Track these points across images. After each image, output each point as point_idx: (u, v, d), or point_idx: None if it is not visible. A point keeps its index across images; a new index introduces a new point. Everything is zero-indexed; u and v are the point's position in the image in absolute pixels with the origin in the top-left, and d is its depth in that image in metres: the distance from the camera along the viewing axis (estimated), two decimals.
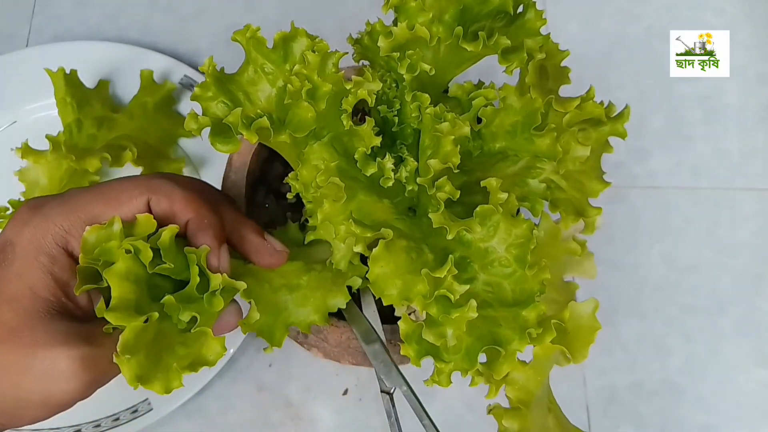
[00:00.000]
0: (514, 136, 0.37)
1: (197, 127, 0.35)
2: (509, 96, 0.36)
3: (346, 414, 0.55)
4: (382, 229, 0.31)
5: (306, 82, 0.34)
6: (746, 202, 0.63)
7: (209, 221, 0.34)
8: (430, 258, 0.32)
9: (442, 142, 0.33)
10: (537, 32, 0.37)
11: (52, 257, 0.32)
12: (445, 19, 0.37)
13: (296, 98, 0.34)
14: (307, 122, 0.34)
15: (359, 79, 0.35)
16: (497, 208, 0.31)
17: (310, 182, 0.34)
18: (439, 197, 0.32)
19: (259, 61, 0.38)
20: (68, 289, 0.32)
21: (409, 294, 0.31)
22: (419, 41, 0.36)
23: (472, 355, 0.30)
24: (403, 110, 0.37)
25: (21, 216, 0.33)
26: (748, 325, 0.59)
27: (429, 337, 0.30)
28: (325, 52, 0.35)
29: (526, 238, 0.31)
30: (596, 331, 0.34)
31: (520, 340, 0.30)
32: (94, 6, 0.69)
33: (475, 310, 0.30)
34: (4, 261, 0.32)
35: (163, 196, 0.33)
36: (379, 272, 0.31)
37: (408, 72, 0.36)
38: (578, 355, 0.33)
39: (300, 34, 0.38)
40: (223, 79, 0.38)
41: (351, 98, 0.35)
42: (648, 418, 0.56)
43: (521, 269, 0.31)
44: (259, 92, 0.39)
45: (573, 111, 0.35)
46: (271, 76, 0.38)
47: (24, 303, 0.31)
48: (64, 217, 0.32)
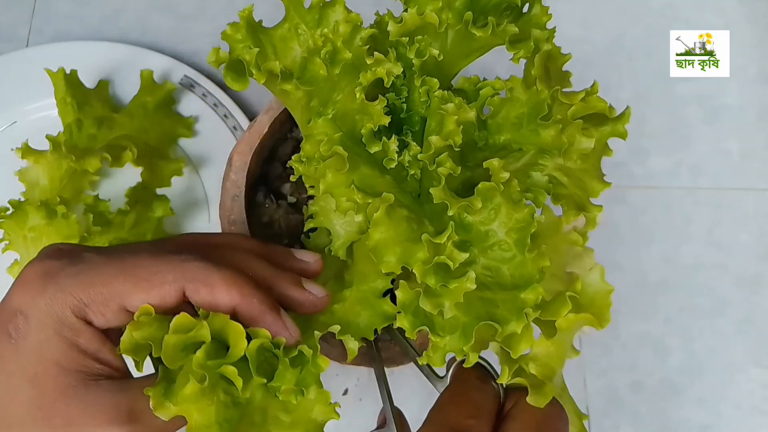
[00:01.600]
0: (520, 128, 0.37)
1: (216, 60, 0.35)
2: (516, 87, 0.37)
3: (346, 414, 0.55)
4: (384, 193, 0.31)
5: (329, 44, 0.34)
6: (746, 202, 0.63)
7: (258, 299, 0.32)
8: (430, 229, 0.32)
9: (445, 120, 0.33)
10: (543, 27, 0.37)
11: (75, 329, 0.30)
12: (455, 7, 0.37)
13: (313, 54, 0.34)
14: (316, 79, 0.34)
15: (381, 57, 0.35)
16: (498, 186, 0.31)
17: (313, 155, 0.34)
18: (440, 172, 0.32)
19: (295, 21, 0.39)
20: (100, 355, 0.30)
21: (408, 260, 0.31)
22: (429, 27, 0.36)
23: (468, 332, 0.30)
24: (411, 97, 0.37)
25: (32, 284, 0.30)
26: (748, 325, 0.59)
27: (426, 306, 0.30)
28: (356, 25, 0.35)
29: (526, 222, 0.31)
30: (610, 294, 0.33)
31: (518, 321, 0.29)
32: (94, 6, 0.69)
33: (473, 282, 0.29)
34: (16, 333, 0.30)
35: (201, 285, 0.31)
36: (379, 237, 0.31)
37: (417, 57, 0.36)
38: (602, 320, 0.32)
39: (339, 3, 0.38)
40: (256, 29, 0.38)
41: (369, 74, 0.35)
42: (648, 418, 0.56)
43: (521, 254, 0.31)
44: (288, 50, 0.39)
45: (578, 104, 0.35)
46: (303, 37, 0.39)
47: (51, 380, 0.29)
48: (81, 289, 0.30)
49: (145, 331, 0.29)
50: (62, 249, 0.33)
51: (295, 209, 0.50)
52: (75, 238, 0.51)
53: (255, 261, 0.35)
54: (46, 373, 0.29)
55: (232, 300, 0.31)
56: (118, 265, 0.31)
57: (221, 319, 0.29)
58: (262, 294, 0.32)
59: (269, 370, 0.30)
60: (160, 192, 0.58)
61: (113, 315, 0.30)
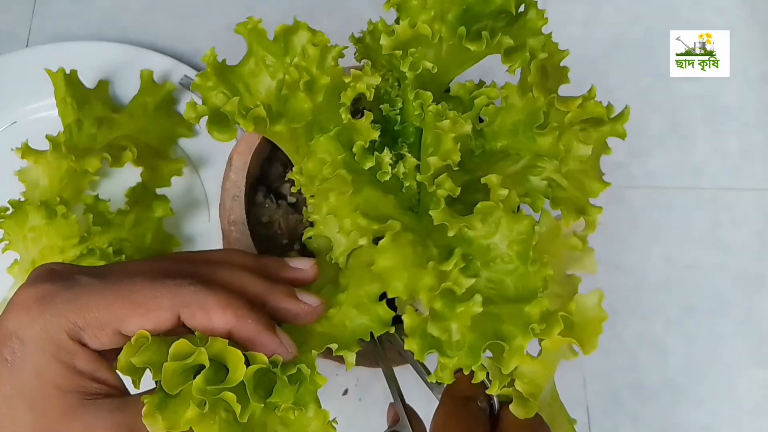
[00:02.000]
0: (516, 135, 0.37)
1: (195, 115, 0.35)
2: (511, 95, 0.36)
3: (346, 414, 0.55)
4: (390, 221, 0.31)
5: (304, 74, 0.34)
6: (746, 202, 0.63)
7: (254, 320, 0.32)
8: (435, 253, 0.32)
9: (442, 139, 0.33)
10: (539, 31, 0.37)
11: (71, 352, 0.30)
12: (447, 19, 0.37)
13: (293, 89, 0.34)
14: (303, 113, 0.34)
15: (358, 73, 0.35)
16: (498, 204, 0.31)
17: (315, 174, 0.33)
18: (439, 194, 0.32)
19: (260, 54, 0.38)
20: (98, 374, 0.31)
21: (415, 286, 0.31)
22: (421, 39, 0.36)
23: (475, 351, 0.30)
24: (405, 108, 0.37)
25: (27, 308, 0.31)
26: (748, 326, 0.59)
27: (434, 331, 0.30)
28: (324, 46, 0.35)
29: (527, 234, 0.31)
30: (603, 322, 0.33)
31: (524, 336, 0.30)
32: (94, 6, 0.69)
33: (480, 305, 0.30)
34: (12, 356, 0.30)
35: (197, 309, 0.31)
36: (386, 264, 0.31)
37: (410, 70, 0.36)
38: (588, 346, 0.33)
39: (301, 27, 0.38)
40: (223, 70, 0.38)
41: (350, 92, 0.34)
42: (648, 419, 0.56)
43: (523, 265, 0.31)
44: (260, 84, 0.39)
45: (575, 110, 0.35)
46: (272, 68, 0.38)
47: (51, 402, 0.29)
48: (77, 314, 0.30)
49: (142, 355, 0.29)
50: (56, 270, 0.33)
51: (295, 209, 0.50)
52: (75, 238, 0.51)
53: (248, 277, 0.35)
54: (46, 396, 0.29)
55: (228, 323, 0.31)
56: (114, 290, 0.31)
57: (220, 345, 0.30)
58: (256, 314, 0.32)
59: (268, 385, 0.30)
60: (160, 192, 0.58)
61: (108, 339, 0.31)
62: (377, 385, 0.55)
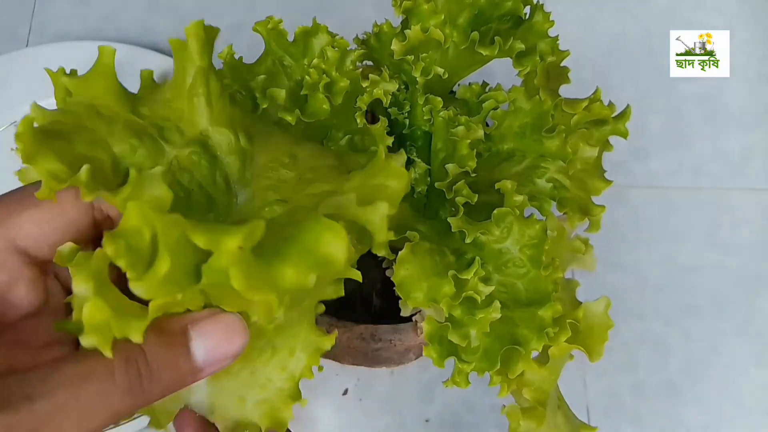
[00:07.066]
0: (523, 137, 0.37)
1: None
2: (518, 98, 0.37)
3: (346, 414, 0.55)
4: (408, 231, 0.32)
5: (324, 76, 0.34)
6: (746, 202, 0.63)
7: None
8: (452, 260, 0.32)
9: (458, 146, 0.34)
10: (545, 34, 0.37)
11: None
12: (458, 23, 0.37)
13: (313, 90, 0.34)
14: (322, 115, 0.34)
15: (376, 78, 0.35)
16: (513, 210, 0.32)
17: None
18: (457, 201, 0.32)
19: (278, 54, 0.38)
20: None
21: (435, 296, 0.31)
22: (432, 43, 0.36)
23: (491, 356, 0.30)
24: (414, 113, 0.37)
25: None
26: (748, 326, 0.59)
27: (454, 338, 0.30)
28: (344, 49, 0.35)
29: (539, 238, 0.32)
30: (609, 329, 0.34)
31: (538, 340, 0.30)
32: (94, 6, 0.69)
33: (499, 311, 0.30)
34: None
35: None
36: (405, 275, 0.31)
37: (422, 75, 0.36)
38: (594, 354, 0.33)
39: (321, 30, 0.38)
40: (240, 68, 0.38)
41: (366, 97, 0.35)
42: (648, 419, 0.56)
43: (535, 269, 0.32)
44: (275, 85, 0.39)
45: (581, 112, 0.35)
46: (289, 69, 0.38)
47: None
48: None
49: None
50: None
51: None
52: None
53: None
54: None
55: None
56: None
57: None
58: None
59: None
60: None
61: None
62: (377, 385, 0.55)
